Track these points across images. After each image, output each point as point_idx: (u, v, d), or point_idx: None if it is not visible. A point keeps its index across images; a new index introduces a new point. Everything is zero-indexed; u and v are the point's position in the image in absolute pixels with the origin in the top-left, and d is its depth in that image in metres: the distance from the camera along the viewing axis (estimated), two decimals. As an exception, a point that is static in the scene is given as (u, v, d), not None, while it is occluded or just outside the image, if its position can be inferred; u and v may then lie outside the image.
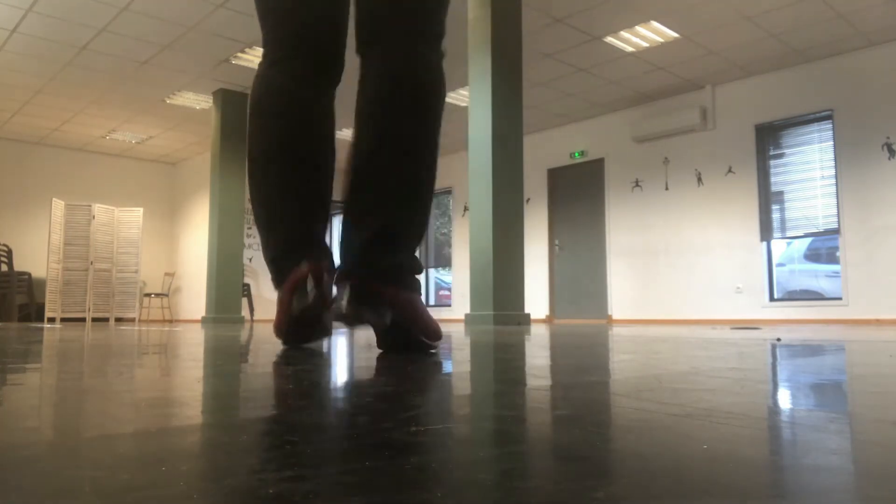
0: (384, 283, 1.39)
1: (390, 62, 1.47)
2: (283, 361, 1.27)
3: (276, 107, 1.50)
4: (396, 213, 1.44)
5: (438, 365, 1.16)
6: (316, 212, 1.52)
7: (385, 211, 1.43)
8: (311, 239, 1.50)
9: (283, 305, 1.49)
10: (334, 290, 1.47)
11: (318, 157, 1.52)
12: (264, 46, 1.56)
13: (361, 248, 1.42)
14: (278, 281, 1.50)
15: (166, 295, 12.36)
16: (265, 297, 12.38)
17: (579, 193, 10.13)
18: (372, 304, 1.37)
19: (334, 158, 1.57)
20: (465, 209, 11.26)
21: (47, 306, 9.25)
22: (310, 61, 1.52)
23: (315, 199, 1.51)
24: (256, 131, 1.51)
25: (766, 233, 8.13)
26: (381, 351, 1.49)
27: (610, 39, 7.34)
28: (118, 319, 10.24)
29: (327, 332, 1.60)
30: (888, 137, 7.23)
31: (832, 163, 7.63)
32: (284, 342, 1.62)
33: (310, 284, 1.40)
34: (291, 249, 1.47)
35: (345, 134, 7.61)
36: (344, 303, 1.38)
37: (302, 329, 1.56)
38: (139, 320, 10.84)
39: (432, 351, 1.45)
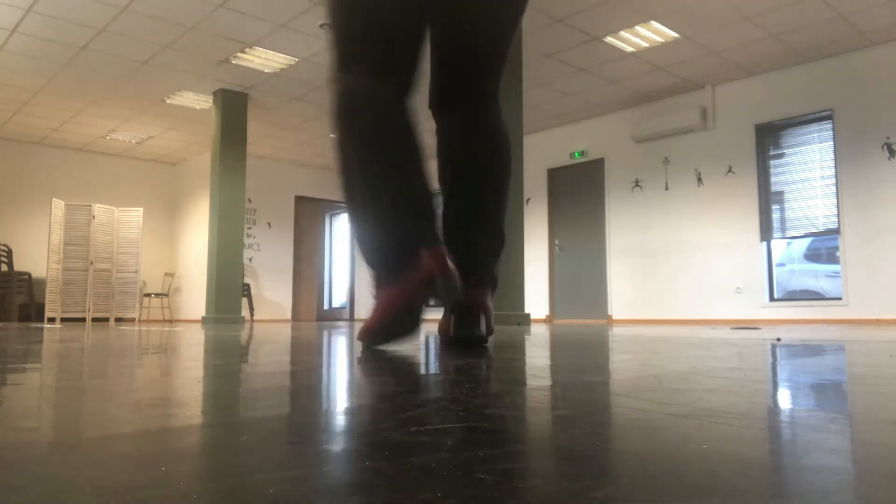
0: (484, 292, 1.66)
1: (471, 127, 1.78)
2: (289, 361, 1.27)
3: (380, 114, 1.57)
4: (493, 233, 1.77)
5: (439, 365, 1.17)
6: (427, 202, 1.55)
7: (484, 233, 1.75)
8: (430, 226, 1.54)
9: (399, 301, 1.47)
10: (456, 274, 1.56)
11: (421, 157, 1.59)
12: (346, 61, 1.60)
13: (470, 267, 1.65)
14: (393, 274, 1.48)
15: (166, 295, 12.36)
16: (265, 297, 12.38)
17: (579, 193, 10.13)
18: (480, 324, 1.60)
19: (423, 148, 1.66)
20: (465, 209, 11.23)
21: (47, 306, 9.25)
22: (396, 74, 1.63)
23: (425, 190, 1.56)
24: (353, 140, 1.55)
25: (766, 233, 8.13)
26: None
27: (610, 39, 7.34)
28: (118, 319, 10.24)
29: (416, 330, 1.57)
30: (888, 137, 7.23)
31: (832, 163, 7.63)
32: (377, 343, 1.57)
33: (438, 277, 1.43)
34: (407, 242, 1.48)
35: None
36: (452, 321, 1.58)
37: (405, 326, 1.52)
38: (139, 320, 10.84)
39: (486, 344, 1.66)
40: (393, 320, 1.49)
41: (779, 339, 2.27)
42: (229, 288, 9.00)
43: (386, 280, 1.49)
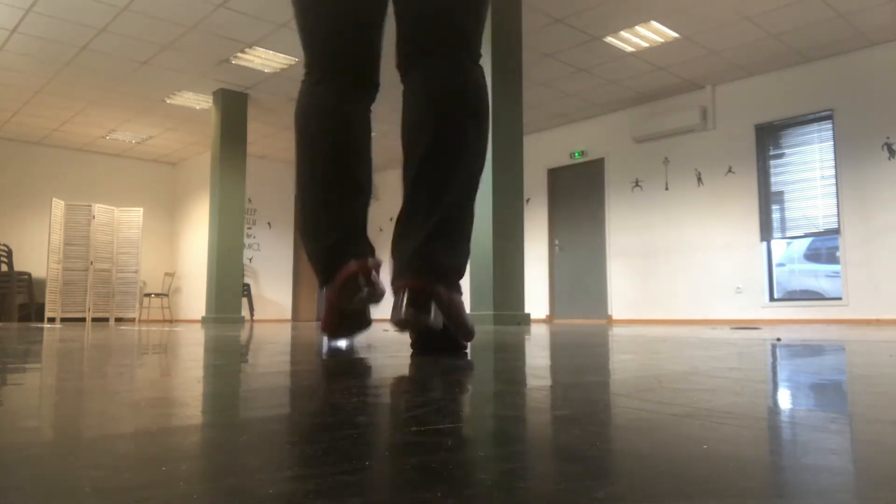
0: (440, 286, 1.42)
1: (438, 73, 1.56)
2: (289, 361, 1.27)
3: (321, 122, 1.61)
4: (450, 216, 1.49)
5: (439, 365, 1.17)
6: (358, 214, 1.63)
7: (439, 213, 1.48)
8: (357, 239, 1.61)
9: (334, 301, 1.57)
10: (382, 282, 1.57)
11: (361, 167, 1.63)
12: (307, 67, 1.66)
13: (417, 251, 1.45)
14: (326, 279, 1.60)
15: (166, 295, 12.36)
16: (265, 297, 12.38)
17: (579, 193, 10.13)
18: (429, 309, 1.39)
19: (371, 166, 1.68)
20: (465, 209, 11.24)
21: (47, 306, 9.25)
22: (350, 81, 1.64)
23: (358, 203, 1.63)
24: (304, 146, 1.63)
25: (766, 233, 8.13)
26: (410, 351, 1.56)
27: (610, 39, 7.34)
28: (118, 319, 10.24)
29: (368, 325, 1.72)
30: (888, 137, 7.23)
31: (832, 163, 7.63)
32: (331, 337, 1.69)
33: (361, 280, 1.51)
34: (339, 250, 1.58)
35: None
36: (403, 308, 1.39)
37: (350, 322, 1.66)
38: (139, 320, 10.84)
39: (465, 351, 1.50)
40: (338, 317, 1.61)
41: (779, 339, 2.27)
42: (229, 288, 9.00)
43: (324, 282, 1.62)
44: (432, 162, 1.51)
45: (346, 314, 1.61)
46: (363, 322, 1.70)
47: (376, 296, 1.54)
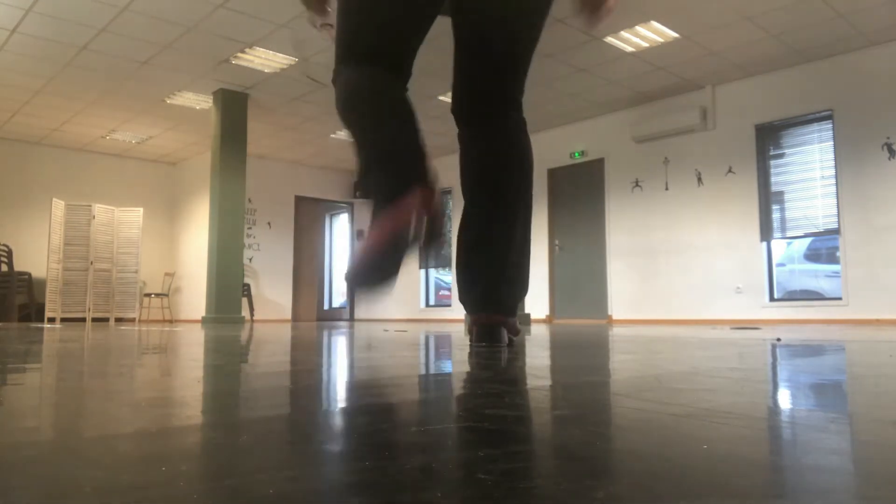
0: (504, 319, 1.82)
1: (496, 131, 1.86)
2: (289, 361, 1.27)
3: (376, 94, 1.66)
4: (510, 262, 1.83)
5: (439, 365, 1.16)
6: (421, 154, 1.62)
7: (500, 260, 1.82)
8: (421, 161, 1.59)
9: (386, 232, 1.44)
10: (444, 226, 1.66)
11: (411, 120, 1.66)
12: (347, 55, 1.70)
13: (489, 292, 1.81)
14: (384, 202, 1.48)
15: (166, 295, 12.36)
16: (265, 297, 12.39)
17: (579, 193, 10.13)
18: (500, 336, 1.82)
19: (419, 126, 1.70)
20: (465, 209, 11.24)
21: (47, 306, 9.25)
22: (386, 67, 1.71)
23: (418, 144, 1.62)
24: (355, 114, 1.66)
25: (766, 233, 8.13)
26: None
27: (610, 39, 7.34)
28: (118, 319, 10.24)
29: (396, 276, 1.50)
30: (888, 137, 7.23)
31: (832, 163, 7.63)
32: (357, 283, 1.49)
33: (424, 217, 1.48)
34: (403, 166, 1.55)
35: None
36: (476, 336, 1.80)
37: (386, 265, 1.46)
38: (139, 320, 10.84)
39: (512, 344, 1.87)
40: (379, 253, 1.45)
41: (779, 340, 2.27)
42: (229, 288, 9.00)
43: (382, 208, 1.49)
44: (498, 214, 1.85)
45: (387, 254, 1.43)
46: (395, 268, 1.48)
47: (438, 244, 1.51)
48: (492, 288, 1.81)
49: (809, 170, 7.84)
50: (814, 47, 7.44)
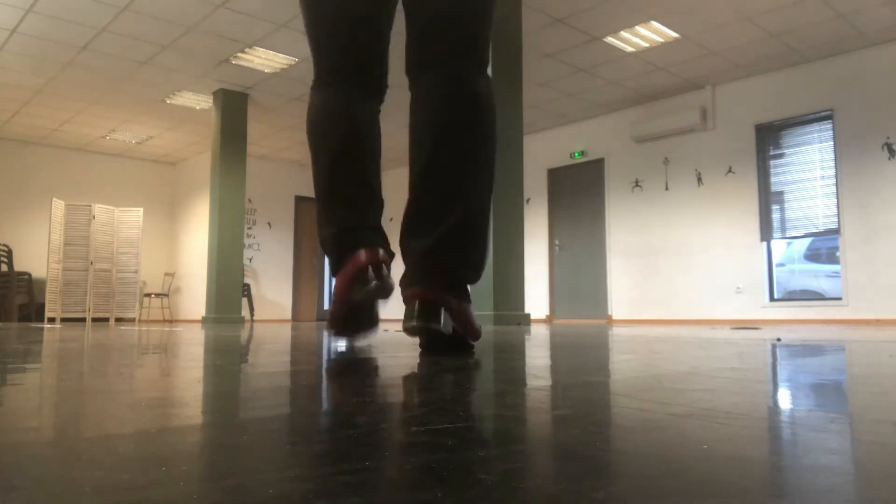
0: (450, 296, 1.47)
1: (442, 84, 1.58)
2: (290, 362, 1.27)
3: (331, 125, 1.64)
4: (458, 224, 1.50)
5: (440, 365, 1.17)
6: (369, 209, 1.63)
7: (448, 221, 1.50)
8: (369, 228, 1.60)
9: (342, 291, 1.52)
10: (392, 278, 1.57)
11: (370, 168, 1.65)
12: (316, 72, 1.69)
13: (427, 260, 1.49)
14: (336, 267, 1.58)
15: (166, 295, 12.36)
16: (265, 297, 12.38)
17: (579, 193, 10.13)
18: (439, 318, 1.44)
19: (380, 160, 1.70)
20: (465, 209, 11.23)
21: (47, 306, 9.25)
22: (359, 83, 1.67)
23: (371, 203, 1.63)
24: (315, 147, 1.66)
25: (766, 233, 8.13)
26: (419, 350, 1.56)
27: (610, 39, 7.34)
28: (118, 319, 10.24)
29: (376, 325, 1.68)
30: (888, 137, 7.23)
31: (832, 163, 7.63)
32: (337, 334, 1.63)
33: (370, 274, 1.49)
34: (350, 237, 1.57)
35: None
36: (415, 317, 1.44)
37: (358, 318, 1.60)
38: (139, 320, 10.84)
39: (472, 350, 1.56)
40: (346, 310, 1.55)
41: (779, 340, 2.28)
42: (229, 288, 9.00)
43: (335, 269, 1.59)
44: (438, 166, 1.53)
45: (354, 308, 1.55)
46: (371, 319, 1.65)
47: (385, 290, 1.53)
48: (427, 254, 1.49)
49: (809, 170, 7.84)
50: (814, 47, 7.43)
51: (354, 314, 1.58)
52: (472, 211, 1.52)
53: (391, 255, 1.60)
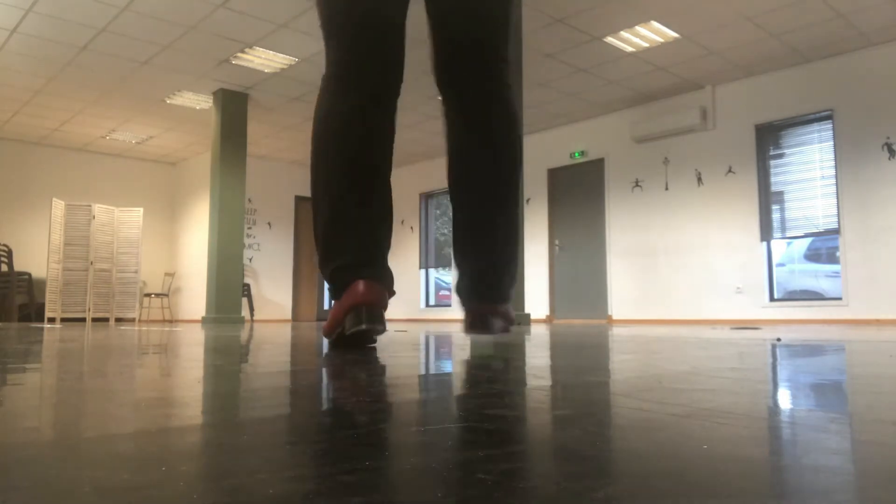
0: (494, 308, 1.78)
1: (467, 102, 1.72)
2: (290, 362, 1.27)
3: (342, 131, 1.61)
4: (496, 252, 1.77)
5: (439, 365, 1.17)
6: (378, 235, 1.62)
7: (486, 252, 1.76)
8: (373, 261, 1.59)
9: (337, 320, 1.58)
10: (385, 321, 1.67)
11: (381, 184, 1.64)
12: (330, 71, 1.67)
13: (481, 281, 1.77)
14: (337, 293, 1.59)
15: (166, 295, 12.36)
16: (265, 297, 12.38)
17: (579, 193, 10.13)
18: (492, 325, 1.77)
19: (391, 168, 1.70)
20: (465, 209, 11.22)
21: (47, 306, 9.25)
22: (373, 87, 1.65)
23: (380, 226, 1.63)
24: (322, 155, 1.62)
25: (766, 233, 8.13)
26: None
27: (610, 39, 7.34)
28: (118, 319, 10.24)
29: (371, 343, 1.78)
30: (888, 137, 7.23)
31: (832, 163, 7.63)
32: (333, 346, 1.69)
33: (364, 315, 1.51)
34: (352, 270, 1.56)
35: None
36: (473, 325, 1.77)
37: (351, 341, 1.67)
38: (139, 320, 10.84)
39: (508, 332, 1.94)
40: (338, 334, 1.63)
41: (779, 340, 2.28)
42: (229, 288, 9.00)
43: (334, 295, 1.62)
44: (471, 205, 1.75)
45: (350, 337, 1.61)
46: (363, 342, 1.71)
47: (376, 332, 1.56)
48: (480, 277, 1.77)
49: (809, 170, 7.84)
50: (814, 47, 7.43)
51: (349, 340, 1.64)
52: (512, 237, 1.77)
53: (391, 294, 1.62)
